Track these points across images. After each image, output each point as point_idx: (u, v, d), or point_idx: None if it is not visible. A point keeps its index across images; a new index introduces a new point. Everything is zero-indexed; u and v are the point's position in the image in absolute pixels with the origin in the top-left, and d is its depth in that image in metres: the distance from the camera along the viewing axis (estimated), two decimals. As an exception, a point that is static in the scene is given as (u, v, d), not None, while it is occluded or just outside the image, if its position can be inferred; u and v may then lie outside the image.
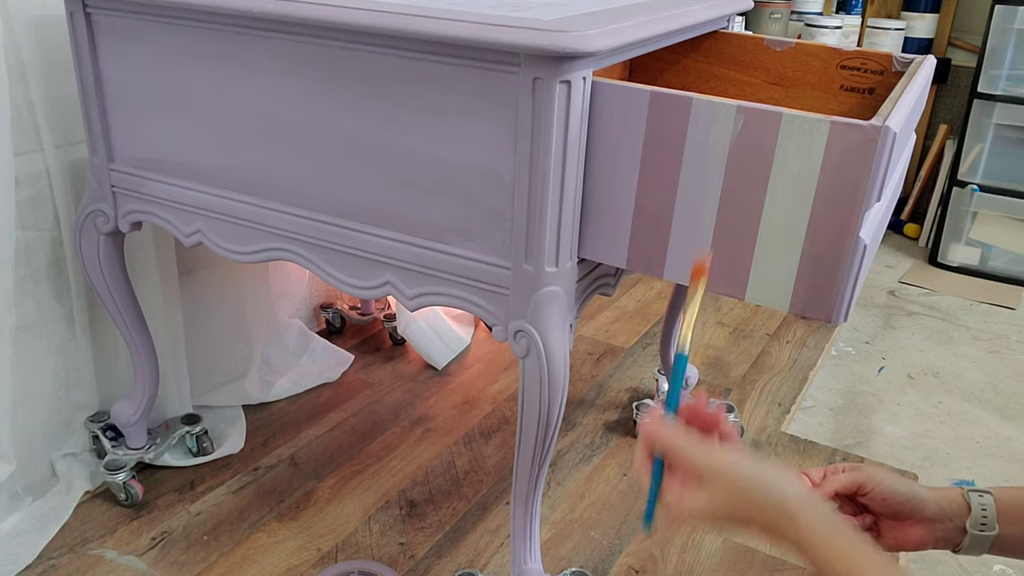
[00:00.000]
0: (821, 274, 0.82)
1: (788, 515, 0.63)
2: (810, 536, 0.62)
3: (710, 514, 0.65)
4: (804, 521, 0.62)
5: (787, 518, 0.63)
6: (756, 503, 0.64)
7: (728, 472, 0.65)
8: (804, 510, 0.63)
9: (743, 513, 0.64)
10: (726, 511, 0.65)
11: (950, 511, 0.81)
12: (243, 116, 1.02)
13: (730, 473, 0.65)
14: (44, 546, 1.22)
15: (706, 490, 0.65)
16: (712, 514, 0.65)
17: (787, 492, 0.63)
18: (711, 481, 0.65)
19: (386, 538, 1.28)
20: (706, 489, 0.65)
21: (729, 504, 0.65)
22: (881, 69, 1.17)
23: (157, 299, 1.37)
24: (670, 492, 0.67)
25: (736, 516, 0.65)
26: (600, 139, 0.88)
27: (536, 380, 0.93)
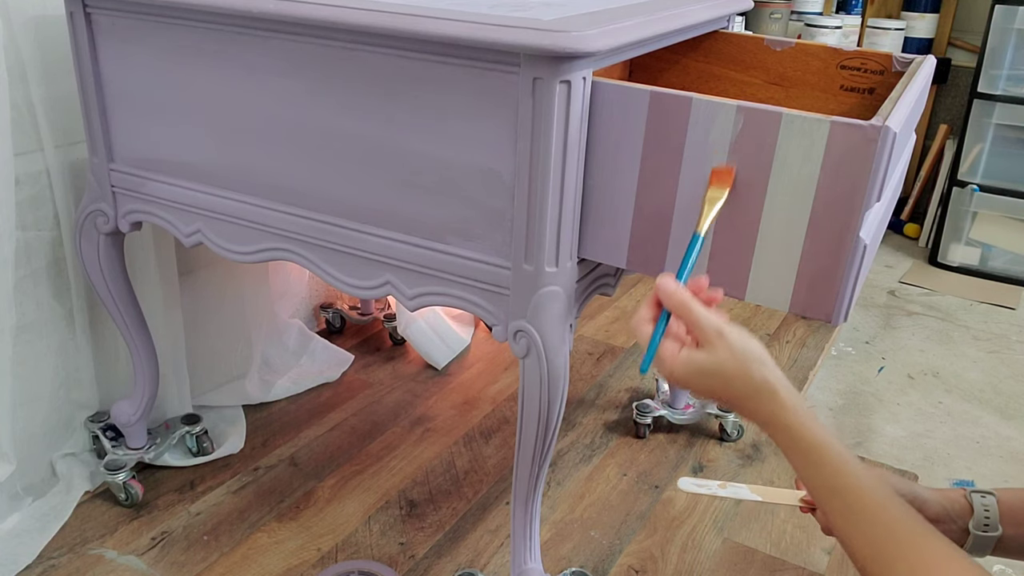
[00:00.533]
0: (821, 274, 0.82)
1: (772, 390, 0.71)
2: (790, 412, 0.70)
3: (701, 373, 0.72)
4: (786, 399, 0.70)
5: (770, 391, 0.71)
6: (749, 372, 0.70)
7: (734, 341, 0.71)
8: (788, 391, 0.71)
9: (731, 378, 0.71)
10: (717, 374, 0.71)
11: (952, 512, 0.81)
12: (243, 116, 1.02)
13: (735, 342, 0.71)
14: (44, 546, 1.22)
15: (706, 351, 0.72)
16: (703, 373, 0.72)
17: (776, 373, 0.71)
18: (715, 343, 0.71)
19: (386, 538, 1.28)
20: (707, 350, 0.72)
21: (722, 368, 0.71)
22: (881, 69, 1.17)
23: (157, 299, 1.37)
24: (668, 348, 0.74)
25: (724, 379, 0.71)
26: (600, 139, 0.88)
27: (536, 380, 0.93)
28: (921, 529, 0.65)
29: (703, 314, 0.72)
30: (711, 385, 0.72)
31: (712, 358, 0.71)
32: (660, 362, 0.74)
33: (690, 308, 0.73)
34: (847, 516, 0.67)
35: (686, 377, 0.73)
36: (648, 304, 0.76)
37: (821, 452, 0.69)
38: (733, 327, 0.72)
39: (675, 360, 0.73)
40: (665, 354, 0.73)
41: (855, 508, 0.67)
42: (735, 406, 0.73)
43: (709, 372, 0.71)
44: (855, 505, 0.67)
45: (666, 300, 0.74)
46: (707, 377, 0.72)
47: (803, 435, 0.69)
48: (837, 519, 0.68)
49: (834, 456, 0.68)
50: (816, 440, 0.69)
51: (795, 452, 0.70)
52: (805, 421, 0.70)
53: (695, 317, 0.72)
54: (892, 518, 0.66)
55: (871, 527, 0.66)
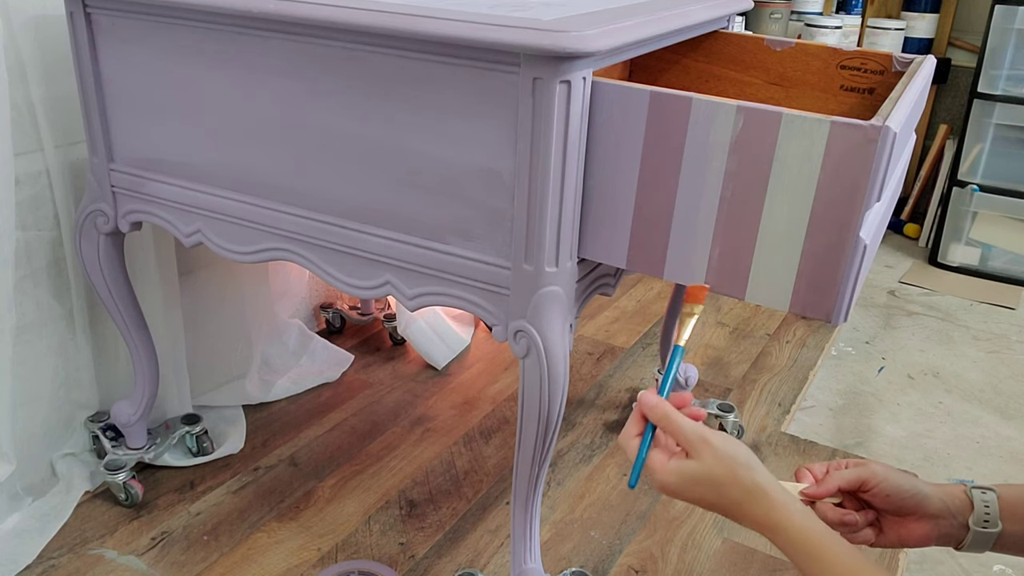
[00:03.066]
0: (821, 274, 0.82)
1: (763, 491, 0.71)
2: (783, 512, 0.70)
3: (691, 481, 0.73)
4: (776, 499, 0.71)
5: (761, 493, 0.71)
6: (738, 477, 0.71)
7: (719, 446, 0.72)
8: (777, 491, 0.71)
9: (721, 484, 0.72)
10: (705, 481, 0.72)
11: (953, 508, 0.81)
12: (243, 116, 1.02)
13: (720, 447, 0.72)
14: (44, 546, 1.22)
15: (694, 460, 0.73)
16: (693, 480, 0.73)
17: (765, 474, 0.72)
18: (702, 451, 0.73)
19: (386, 538, 1.28)
20: (695, 459, 0.73)
21: (711, 475, 0.72)
22: (881, 69, 1.17)
23: (157, 299, 1.37)
24: (657, 459, 0.75)
25: (713, 485, 0.72)
26: (600, 139, 0.88)
27: (536, 380, 0.93)
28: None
29: (686, 424, 0.74)
30: (702, 493, 0.73)
31: (700, 466, 0.73)
32: (650, 473, 0.76)
33: (671, 419, 0.75)
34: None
35: (677, 486, 0.74)
36: (633, 420, 0.78)
37: (825, 553, 0.69)
38: (717, 434, 0.73)
39: (664, 470, 0.74)
40: (655, 465, 0.75)
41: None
42: (728, 512, 0.74)
43: (698, 480, 0.73)
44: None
45: (649, 413, 0.76)
46: (697, 485, 0.73)
47: (799, 532, 0.70)
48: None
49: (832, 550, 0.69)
50: (813, 536, 0.70)
51: (794, 549, 0.70)
52: (800, 519, 0.70)
53: (678, 427, 0.74)
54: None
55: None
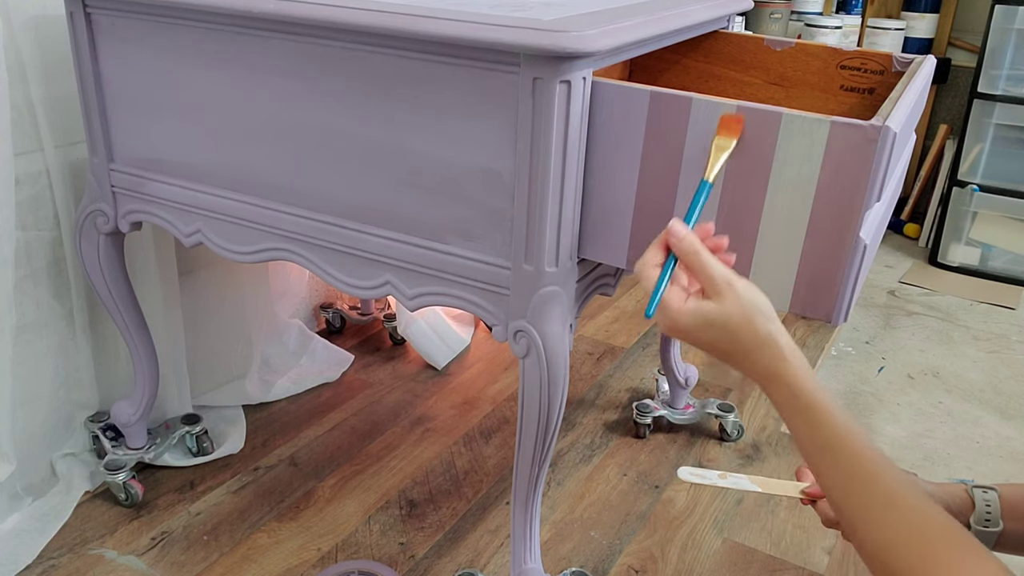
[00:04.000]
0: (821, 274, 0.82)
1: (776, 344, 0.69)
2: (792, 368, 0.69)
3: (706, 324, 0.70)
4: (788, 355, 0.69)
5: (775, 345, 0.69)
6: (754, 324, 0.69)
7: (742, 292, 0.70)
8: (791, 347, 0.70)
9: (736, 330, 0.70)
10: (722, 325, 0.70)
11: (954, 507, 0.81)
12: (243, 116, 1.02)
13: (744, 294, 0.70)
14: (44, 546, 1.22)
15: (715, 301, 0.70)
16: (708, 323, 0.70)
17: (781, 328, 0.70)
18: (724, 294, 0.70)
19: (386, 538, 1.28)
20: (715, 301, 0.70)
21: (728, 320, 0.70)
22: (881, 69, 1.17)
23: (157, 299, 1.37)
24: (675, 296, 0.72)
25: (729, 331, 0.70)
26: (600, 139, 0.88)
27: (536, 380, 0.93)
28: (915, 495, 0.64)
29: (713, 263, 0.71)
30: (714, 337, 0.70)
31: (720, 309, 0.70)
32: (665, 310, 0.72)
33: (700, 255, 0.71)
34: (840, 475, 0.66)
35: (691, 327, 0.71)
36: (656, 247, 0.74)
37: (819, 410, 0.68)
38: (741, 280, 0.71)
39: (682, 309, 0.71)
40: (672, 302, 0.71)
41: (849, 468, 0.66)
42: (734, 360, 0.71)
43: (715, 323, 0.70)
44: (849, 465, 0.66)
45: (676, 244, 0.72)
46: (712, 328, 0.70)
47: (803, 392, 0.68)
48: (829, 478, 0.67)
49: (832, 416, 0.67)
50: (816, 398, 0.68)
51: (793, 408, 0.68)
52: (807, 380, 0.68)
53: (705, 265, 0.71)
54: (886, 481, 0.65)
55: (864, 487, 0.65)
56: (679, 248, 0.72)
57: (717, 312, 0.70)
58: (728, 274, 0.71)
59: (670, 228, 0.72)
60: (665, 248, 0.74)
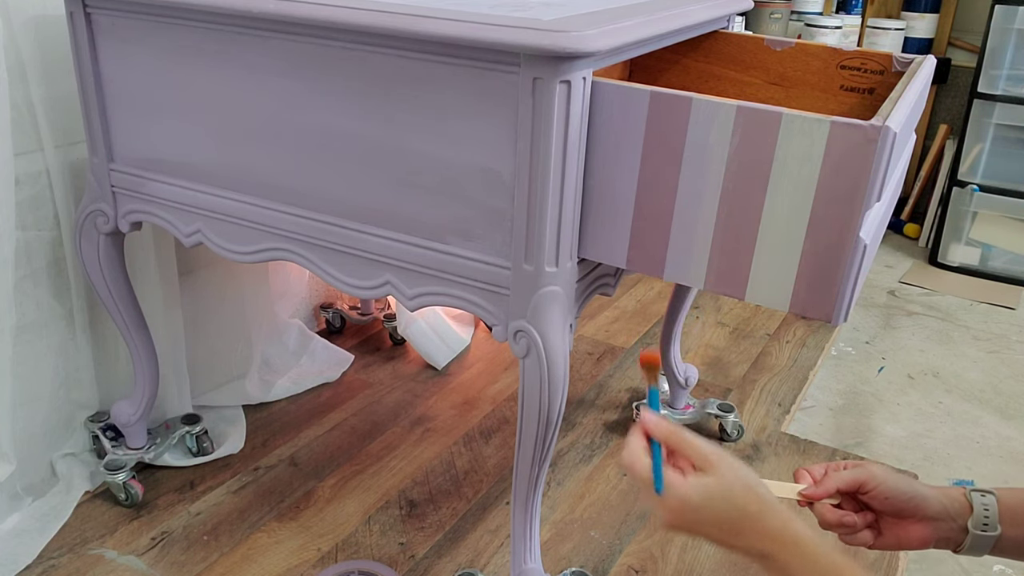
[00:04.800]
0: (821, 274, 0.82)
1: (776, 506, 0.69)
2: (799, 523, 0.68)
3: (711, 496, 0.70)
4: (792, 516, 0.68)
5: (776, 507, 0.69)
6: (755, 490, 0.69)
7: (731, 461, 0.70)
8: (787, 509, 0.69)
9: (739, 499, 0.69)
10: (727, 495, 0.69)
11: (952, 510, 0.81)
12: (243, 116, 1.02)
13: (733, 462, 0.70)
14: (44, 546, 1.22)
15: (711, 474, 0.70)
16: (712, 496, 0.70)
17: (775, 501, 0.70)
18: (718, 465, 0.70)
19: (386, 538, 1.28)
20: (711, 473, 0.70)
21: (731, 489, 0.69)
22: (881, 69, 1.17)
23: (157, 299, 1.37)
24: (673, 477, 0.72)
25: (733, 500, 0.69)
26: (600, 139, 0.88)
27: (536, 380, 0.93)
28: None
29: (695, 439, 0.72)
30: (722, 510, 0.70)
31: (720, 481, 0.70)
32: (671, 490, 0.71)
33: (681, 434, 0.73)
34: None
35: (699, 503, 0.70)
36: (635, 436, 0.75)
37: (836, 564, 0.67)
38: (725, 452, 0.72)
39: (686, 484, 0.71)
40: (675, 482, 0.71)
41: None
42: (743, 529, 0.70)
43: (719, 495, 0.70)
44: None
45: (654, 429, 0.74)
46: (720, 500, 0.70)
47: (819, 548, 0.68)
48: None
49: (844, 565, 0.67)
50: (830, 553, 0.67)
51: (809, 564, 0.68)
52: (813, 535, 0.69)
53: (690, 441, 0.72)
54: None
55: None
56: (659, 431, 0.73)
57: (720, 483, 0.70)
58: (715, 446, 0.72)
59: (644, 418, 0.74)
60: (645, 436, 0.75)
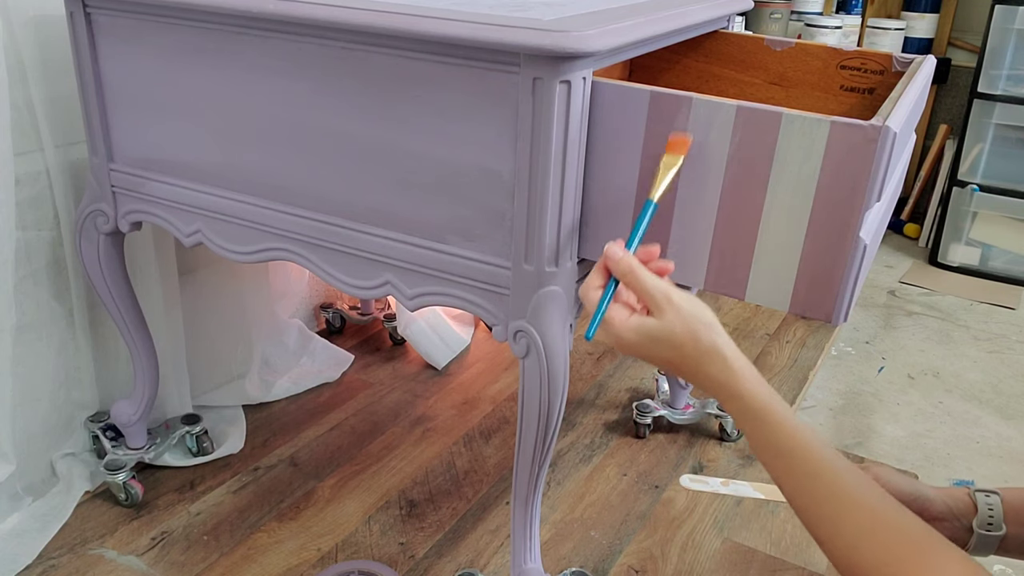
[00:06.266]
0: (821, 274, 0.82)
1: (721, 355, 0.70)
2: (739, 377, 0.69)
3: (649, 339, 0.71)
4: (734, 364, 0.70)
5: (720, 356, 0.70)
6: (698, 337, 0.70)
7: (681, 305, 0.71)
8: (736, 356, 0.70)
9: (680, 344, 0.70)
10: (665, 340, 0.71)
11: (956, 510, 0.81)
12: (243, 116, 1.02)
13: (684, 306, 0.71)
14: (44, 546, 1.22)
15: (656, 317, 0.71)
16: (651, 338, 0.71)
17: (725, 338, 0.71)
18: (664, 309, 0.71)
19: (386, 538, 1.28)
20: (656, 316, 0.71)
21: (672, 334, 0.70)
22: (881, 69, 1.17)
23: (157, 299, 1.37)
24: (617, 314, 0.73)
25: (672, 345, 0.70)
26: (600, 139, 0.88)
27: (536, 380, 0.93)
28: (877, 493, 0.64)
29: (650, 280, 0.72)
30: (659, 352, 0.71)
31: (661, 324, 0.70)
32: (608, 327, 0.73)
33: (636, 274, 0.72)
34: (799, 479, 0.66)
35: (635, 343, 0.72)
36: (596, 271, 0.75)
37: (772, 417, 0.68)
38: (681, 292, 0.71)
39: (624, 326, 0.72)
40: (615, 320, 0.73)
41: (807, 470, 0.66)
42: (684, 373, 0.72)
43: (657, 338, 0.71)
44: (807, 467, 0.66)
45: (613, 267, 0.73)
46: (656, 343, 0.71)
47: (754, 400, 0.69)
48: (789, 483, 0.67)
49: (785, 421, 0.68)
50: (767, 405, 0.68)
51: (746, 417, 0.69)
52: (757, 387, 0.69)
53: (642, 283, 0.72)
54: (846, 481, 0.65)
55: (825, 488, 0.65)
56: (616, 269, 0.73)
57: (658, 327, 0.71)
58: (667, 288, 0.71)
59: (606, 251, 0.74)
60: (606, 271, 0.75)
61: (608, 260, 0.74)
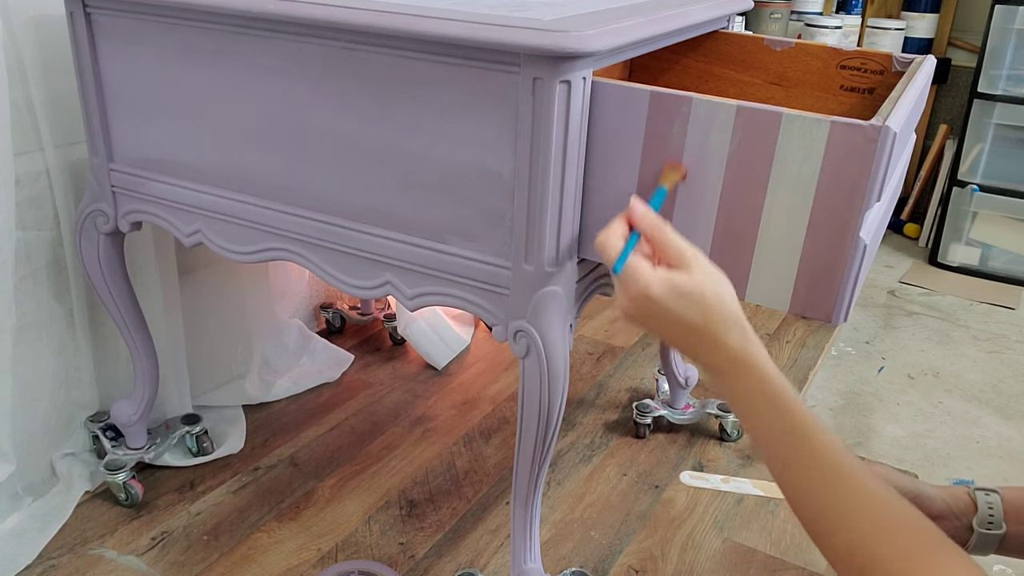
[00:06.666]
0: (821, 274, 0.82)
1: (744, 324, 0.68)
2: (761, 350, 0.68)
3: (677, 293, 0.68)
4: (755, 337, 0.68)
5: (743, 325, 0.68)
6: (725, 302, 0.67)
7: (711, 267, 0.69)
8: (753, 331, 0.69)
9: (708, 305, 0.67)
10: (693, 296, 0.68)
11: (957, 510, 0.81)
12: (243, 116, 1.02)
13: (713, 268, 0.69)
14: (44, 546, 1.22)
15: (685, 272, 0.68)
16: (680, 293, 0.68)
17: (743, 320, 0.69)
18: (694, 267, 0.68)
19: (386, 538, 1.28)
20: (685, 271, 0.68)
21: (701, 291, 0.67)
22: (881, 69, 1.17)
23: (157, 299, 1.37)
24: (642, 263, 0.69)
25: (699, 304, 0.68)
26: (600, 139, 0.88)
27: (536, 380, 0.93)
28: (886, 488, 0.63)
29: (676, 237, 0.69)
30: (684, 310, 0.67)
31: (691, 279, 0.67)
32: (634, 274, 0.69)
33: (664, 229, 0.70)
34: (806, 462, 0.64)
35: (659, 297, 0.68)
36: (618, 221, 0.72)
37: (788, 397, 0.66)
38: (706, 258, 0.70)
39: (652, 275, 0.68)
40: (641, 269, 0.69)
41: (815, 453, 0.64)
42: (698, 341, 0.68)
43: (686, 293, 0.67)
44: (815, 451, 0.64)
45: (639, 220, 0.71)
46: (683, 298, 0.67)
47: (773, 377, 0.66)
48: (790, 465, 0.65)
49: (799, 403, 0.66)
50: (784, 384, 0.66)
51: (762, 394, 0.66)
52: (770, 363, 0.67)
53: (671, 238, 0.69)
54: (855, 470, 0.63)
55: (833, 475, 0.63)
56: (643, 224, 0.71)
57: (689, 282, 0.67)
58: (696, 249, 0.69)
59: (632, 204, 0.71)
60: (627, 224, 0.72)
61: (633, 213, 0.71)
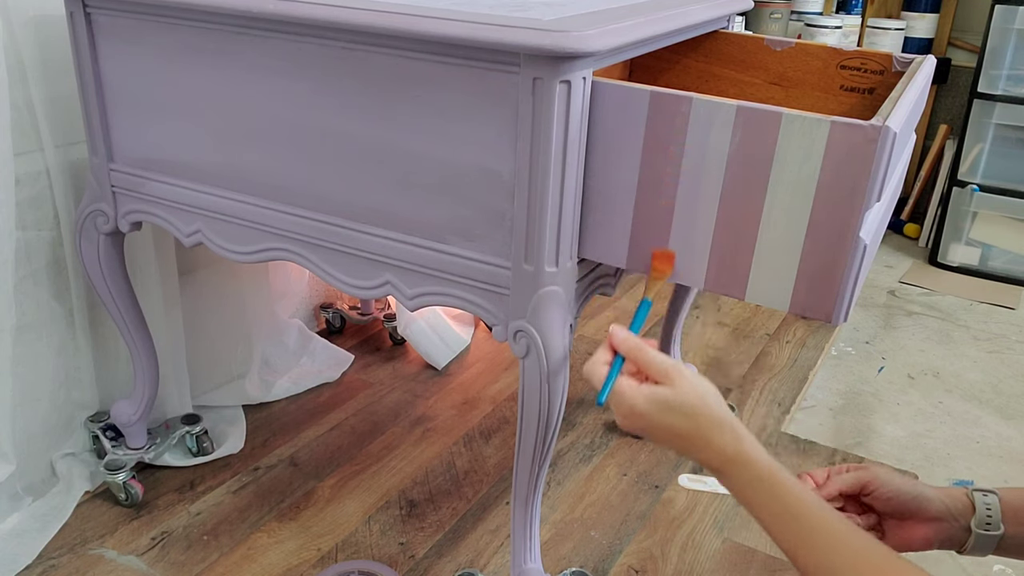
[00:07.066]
0: (821, 274, 0.82)
1: (732, 424, 0.72)
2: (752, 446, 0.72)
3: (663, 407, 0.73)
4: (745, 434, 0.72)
5: (732, 425, 0.72)
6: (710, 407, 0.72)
7: (691, 377, 0.74)
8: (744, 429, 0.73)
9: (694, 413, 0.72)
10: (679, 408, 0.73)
11: (955, 510, 0.81)
12: (243, 116, 1.02)
13: (693, 378, 0.74)
14: (44, 546, 1.22)
15: (668, 386, 0.74)
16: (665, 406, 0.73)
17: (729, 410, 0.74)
18: (676, 380, 0.74)
19: (386, 538, 1.28)
20: (668, 386, 0.74)
21: (686, 402, 0.73)
22: (881, 69, 1.17)
23: (157, 299, 1.37)
24: (628, 383, 0.76)
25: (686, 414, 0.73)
26: (600, 139, 0.88)
27: (536, 380, 0.93)
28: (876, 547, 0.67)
29: (657, 355, 0.75)
30: (672, 420, 0.73)
31: (675, 392, 0.73)
32: (621, 396, 0.75)
33: (644, 350, 0.76)
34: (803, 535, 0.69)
35: (647, 412, 0.74)
36: (601, 349, 0.79)
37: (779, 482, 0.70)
38: (688, 367, 0.75)
39: (637, 392, 0.74)
40: (626, 389, 0.75)
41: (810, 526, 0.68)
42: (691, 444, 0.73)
43: (671, 406, 0.73)
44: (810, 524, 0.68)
45: (619, 344, 0.78)
46: (669, 411, 0.73)
47: (765, 469, 0.71)
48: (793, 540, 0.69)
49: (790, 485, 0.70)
50: (774, 471, 0.71)
51: (757, 486, 0.71)
52: (763, 454, 0.72)
53: (650, 356, 0.75)
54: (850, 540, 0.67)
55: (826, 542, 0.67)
56: (623, 347, 0.77)
57: (673, 395, 0.73)
58: (676, 362, 0.75)
59: (611, 331, 0.78)
60: (611, 350, 0.79)
61: (614, 339, 0.78)
